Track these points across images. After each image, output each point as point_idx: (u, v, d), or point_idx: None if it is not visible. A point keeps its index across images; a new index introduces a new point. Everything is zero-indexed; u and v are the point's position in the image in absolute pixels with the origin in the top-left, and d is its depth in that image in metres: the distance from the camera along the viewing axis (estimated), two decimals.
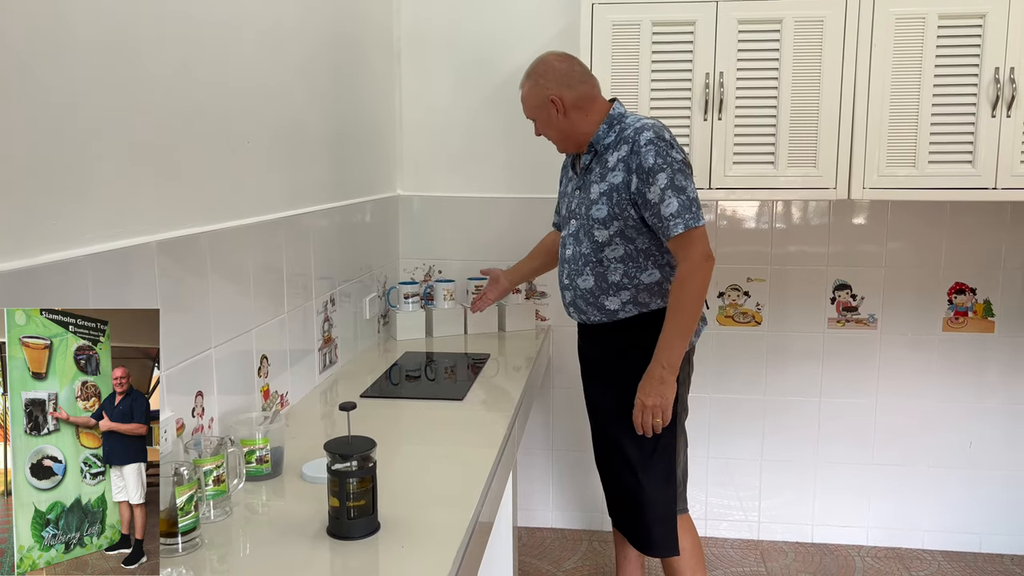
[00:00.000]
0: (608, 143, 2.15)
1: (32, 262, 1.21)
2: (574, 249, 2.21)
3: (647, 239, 2.13)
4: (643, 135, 2.07)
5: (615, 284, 2.16)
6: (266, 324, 1.97)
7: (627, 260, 2.14)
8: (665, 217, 2.04)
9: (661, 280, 2.16)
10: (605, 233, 2.13)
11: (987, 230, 2.94)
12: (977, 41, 2.48)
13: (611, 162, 2.12)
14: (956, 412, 3.06)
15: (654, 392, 2.09)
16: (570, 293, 2.25)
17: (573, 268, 2.22)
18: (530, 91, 2.21)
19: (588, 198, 2.16)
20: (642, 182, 2.05)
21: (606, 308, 2.18)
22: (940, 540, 3.13)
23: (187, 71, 1.62)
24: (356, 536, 1.38)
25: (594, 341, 2.29)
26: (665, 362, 2.07)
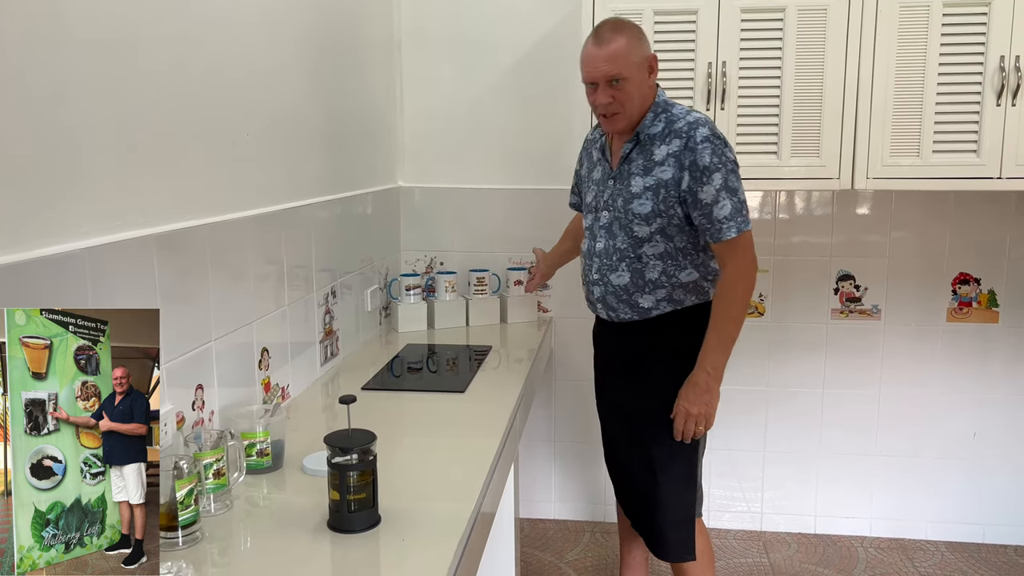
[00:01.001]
0: (654, 133, 2.03)
1: (30, 255, 1.21)
2: (607, 243, 2.11)
3: (686, 238, 2.05)
4: (698, 131, 1.97)
5: (652, 282, 2.07)
6: (267, 317, 1.97)
7: (666, 258, 2.06)
8: (718, 219, 1.96)
9: (698, 279, 2.09)
10: (646, 229, 2.03)
11: (992, 220, 2.92)
12: (982, 29, 2.46)
13: (658, 155, 2.01)
14: (960, 403, 3.05)
15: (699, 400, 2.04)
16: (600, 288, 2.15)
17: (606, 263, 2.11)
18: (630, 45, 1.98)
19: (628, 191, 2.05)
20: (695, 181, 1.96)
21: (639, 306, 2.10)
22: (943, 531, 3.13)
23: (185, 63, 1.61)
24: (357, 529, 1.38)
25: (620, 338, 2.20)
26: (710, 368, 2.02)
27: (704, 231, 2.00)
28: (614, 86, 1.97)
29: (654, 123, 2.03)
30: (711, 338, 2.03)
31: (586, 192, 2.24)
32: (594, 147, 2.23)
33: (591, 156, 2.24)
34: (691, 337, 2.08)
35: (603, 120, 2.05)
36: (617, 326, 2.18)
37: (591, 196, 2.18)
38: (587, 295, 2.23)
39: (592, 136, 2.27)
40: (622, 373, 2.22)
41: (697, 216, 1.99)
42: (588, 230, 2.18)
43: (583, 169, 2.30)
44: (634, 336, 2.15)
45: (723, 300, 2.02)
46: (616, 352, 2.24)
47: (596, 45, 1.99)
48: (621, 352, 2.21)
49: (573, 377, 3.16)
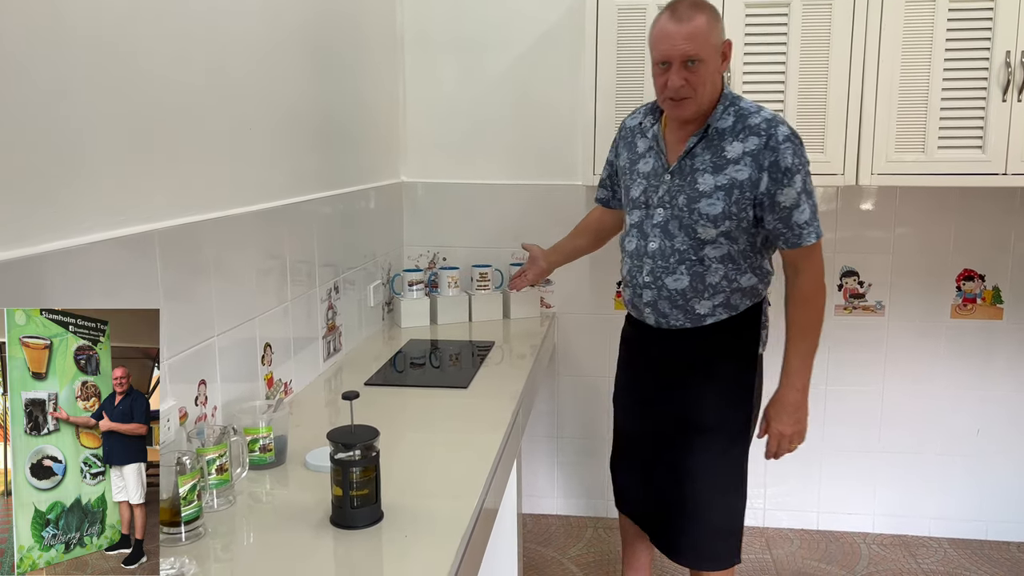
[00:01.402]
0: (724, 128, 1.89)
1: (33, 251, 1.20)
2: (662, 243, 1.95)
3: (746, 241, 1.93)
4: (779, 129, 1.85)
5: (712, 286, 1.94)
6: (269, 312, 1.97)
7: (727, 261, 1.93)
8: (798, 224, 1.87)
9: (756, 283, 1.98)
10: (712, 232, 1.89)
11: (996, 216, 2.91)
12: (988, 24, 2.44)
13: (731, 153, 1.87)
14: (964, 399, 3.05)
15: (792, 420, 1.98)
16: (652, 293, 1.99)
17: (661, 265, 1.96)
18: (710, 26, 1.84)
19: (693, 188, 1.90)
20: (775, 183, 1.84)
21: (695, 312, 1.97)
22: (946, 527, 3.12)
23: (187, 59, 1.61)
24: (359, 525, 1.38)
25: (666, 345, 2.05)
26: (799, 385, 1.95)
27: (778, 236, 1.91)
28: (689, 68, 1.82)
29: (724, 116, 1.90)
30: (795, 353, 1.95)
31: (631, 186, 2.05)
32: (639, 136, 2.07)
33: (633, 146, 2.07)
34: (743, 340, 2.01)
35: (670, 105, 1.89)
36: (664, 333, 2.04)
37: (638, 191, 2.02)
38: (631, 298, 2.07)
39: (634, 124, 2.11)
40: (675, 383, 2.06)
41: (773, 220, 1.88)
42: (635, 228, 2.02)
43: (622, 160, 2.12)
44: (683, 343, 2.02)
45: (804, 310, 1.94)
46: (662, 359, 2.08)
47: (674, 21, 1.83)
48: (669, 359, 2.07)
49: (576, 373, 3.16)
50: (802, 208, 1.86)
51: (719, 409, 2.02)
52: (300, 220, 2.15)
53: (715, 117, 1.89)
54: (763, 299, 2.03)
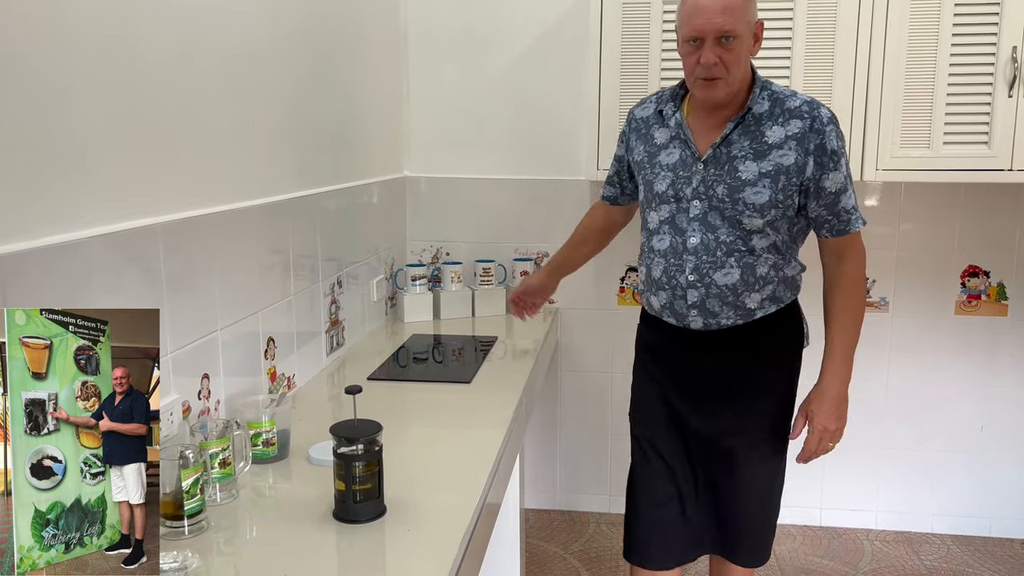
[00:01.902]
0: (762, 112, 1.79)
1: (36, 244, 1.20)
2: (704, 236, 1.82)
3: (787, 231, 1.85)
4: (822, 111, 1.77)
5: (762, 278, 1.84)
6: (273, 306, 1.97)
7: (773, 251, 1.84)
8: (846, 210, 1.80)
9: (797, 274, 1.92)
10: (758, 221, 1.79)
11: (1002, 212, 2.90)
12: (995, 20, 2.43)
13: (772, 137, 1.77)
14: (968, 396, 3.04)
15: (837, 413, 1.89)
16: (698, 292, 1.84)
17: (707, 260, 1.82)
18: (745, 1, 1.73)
19: (735, 177, 1.78)
20: (821, 167, 1.76)
21: (745, 307, 1.85)
22: (950, 524, 3.12)
23: (191, 53, 1.60)
24: (362, 519, 1.38)
25: (718, 350, 1.89)
26: (845, 376, 1.89)
27: (823, 223, 1.83)
28: (724, 44, 1.70)
29: (760, 100, 1.80)
30: (840, 344, 1.87)
31: (653, 180, 1.89)
32: (656, 126, 1.93)
33: (650, 137, 1.93)
34: (790, 339, 1.95)
35: (702, 86, 1.76)
36: (710, 336, 1.89)
37: (664, 184, 1.86)
38: (670, 302, 1.89)
39: (647, 114, 1.96)
40: (721, 390, 1.92)
41: (818, 207, 1.80)
42: (667, 224, 1.87)
43: (637, 154, 1.96)
44: (732, 346, 1.89)
45: (852, 298, 1.86)
46: (710, 365, 1.91)
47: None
48: (719, 364, 1.90)
49: (579, 368, 3.16)
50: (848, 193, 1.80)
51: (774, 414, 1.95)
52: (303, 214, 2.15)
53: (753, 101, 1.78)
54: (800, 289, 1.97)
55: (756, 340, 1.88)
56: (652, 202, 1.91)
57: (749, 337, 1.87)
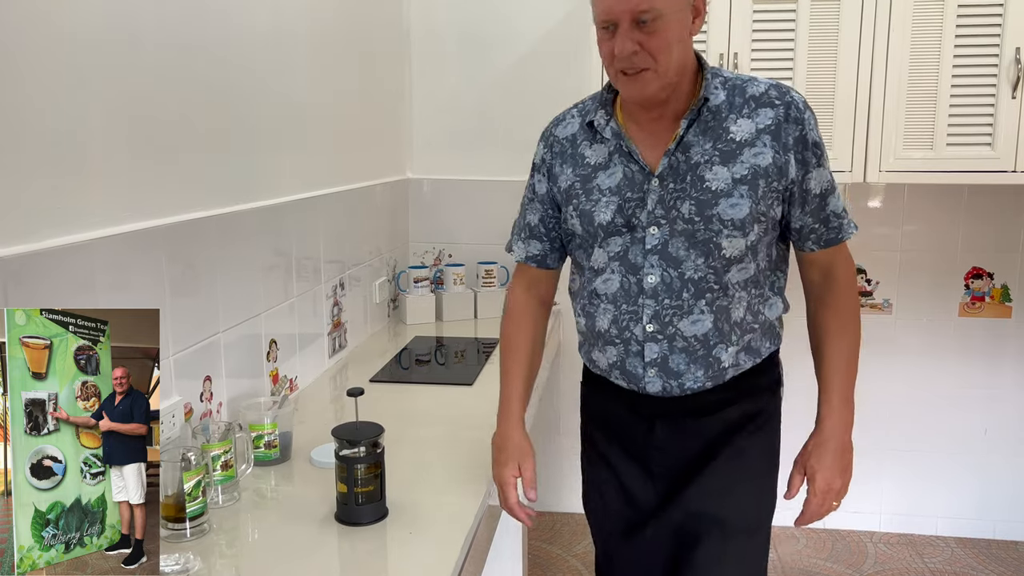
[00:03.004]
0: (720, 104, 1.40)
1: (39, 247, 1.21)
2: (666, 274, 1.41)
3: (766, 254, 1.46)
4: (795, 96, 1.42)
5: (738, 325, 1.44)
6: (275, 308, 1.97)
7: (751, 286, 1.45)
8: (835, 214, 1.45)
9: (778, 316, 1.53)
10: (740, 243, 1.39)
11: (1005, 214, 2.89)
12: (998, 21, 2.43)
13: (740, 133, 1.39)
14: (971, 398, 3.03)
15: (841, 468, 1.54)
16: (659, 347, 1.44)
17: (670, 305, 1.42)
18: None
19: (704, 188, 1.38)
20: (805, 165, 1.40)
21: (718, 364, 1.44)
22: (953, 526, 3.11)
23: (194, 54, 1.61)
24: (364, 522, 1.38)
25: (682, 420, 1.49)
26: (847, 422, 1.54)
27: (808, 235, 1.46)
28: (643, 28, 1.31)
29: (716, 90, 1.41)
30: (839, 381, 1.52)
31: (592, 210, 1.46)
32: (585, 143, 1.50)
33: (579, 159, 1.50)
34: (769, 398, 1.55)
35: (624, 82, 1.37)
36: (673, 403, 1.48)
37: (608, 213, 1.44)
38: (619, 360, 1.49)
39: (569, 131, 1.53)
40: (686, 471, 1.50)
41: (803, 215, 1.44)
42: (616, 261, 1.46)
43: (564, 181, 1.51)
44: (700, 415, 1.48)
45: (847, 323, 1.52)
46: (671, 441, 1.50)
47: None
48: (682, 439, 1.50)
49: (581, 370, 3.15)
50: (836, 193, 1.46)
51: (755, 499, 1.54)
52: (306, 216, 2.15)
53: (708, 90, 1.40)
54: (781, 341, 1.59)
55: (727, 406, 1.48)
56: (594, 238, 1.47)
57: (720, 403, 1.48)
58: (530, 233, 1.62)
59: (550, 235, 1.59)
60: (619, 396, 1.53)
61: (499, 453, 1.54)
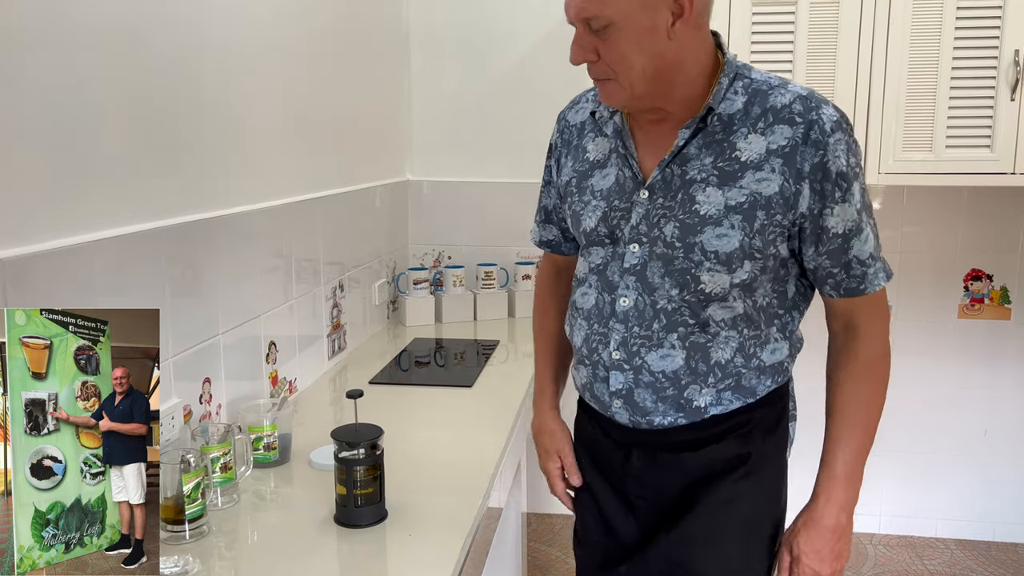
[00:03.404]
0: (735, 113, 1.22)
1: (39, 248, 1.20)
2: (640, 299, 1.27)
3: (772, 291, 1.28)
4: (824, 112, 1.19)
5: (720, 366, 1.26)
6: (274, 310, 1.97)
7: (742, 325, 1.26)
8: (860, 260, 1.22)
9: (786, 358, 1.33)
10: (724, 280, 1.22)
11: (1005, 216, 2.90)
12: (997, 23, 2.43)
13: (748, 152, 1.20)
14: (971, 400, 3.03)
15: (835, 552, 1.30)
16: (624, 377, 1.30)
17: (639, 334, 1.27)
18: None
19: (690, 211, 1.22)
20: (822, 198, 1.19)
21: (691, 404, 1.28)
22: (953, 528, 3.11)
23: (195, 56, 1.61)
24: (363, 524, 1.37)
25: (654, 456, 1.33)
26: (848, 500, 1.30)
27: (826, 278, 1.25)
28: (598, 34, 1.18)
29: (732, 95, 1.22)
30: (845, 454, 1.28)
31: (581, 212, 1.34)
32: (590, 134, 1.37)
33: (581, 151, 1.37)
34: (765, 441, 1.34)
35: (597, 86, 1.26)
36: (645, 434, 1.33)
37: (594, 218, 1.31)
38: (588, 383, 1.37)
39: (579, 118, 1.41)
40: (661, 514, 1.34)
41: (817, 255, 1.23)
42: (595, 275, 1.33)
43: (565, 173, 1.40)
44: (678, 450, 1.32)
45: (863, 391, 1.27)
46: (643, 478, 1.36)
47: None
48: (654, 478, 1.35)
49: None
50: (864, 235, 1.21)
51: (743, 561, 1.34)
52: (306, 218, 2.15)
53: (717, 97, 1.21)
54: (790, 377, 1.39)
55: (712, 444, 1.30)
56: (583, 244, 1.37)
57: (700, 441, 1.30)
58: (545, 217, 1.53)
59: (561, 224, 1.49)
60: (595, 418, 1.41)
61: (538, 444, 1.55)
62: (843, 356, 1.29)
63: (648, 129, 1.29)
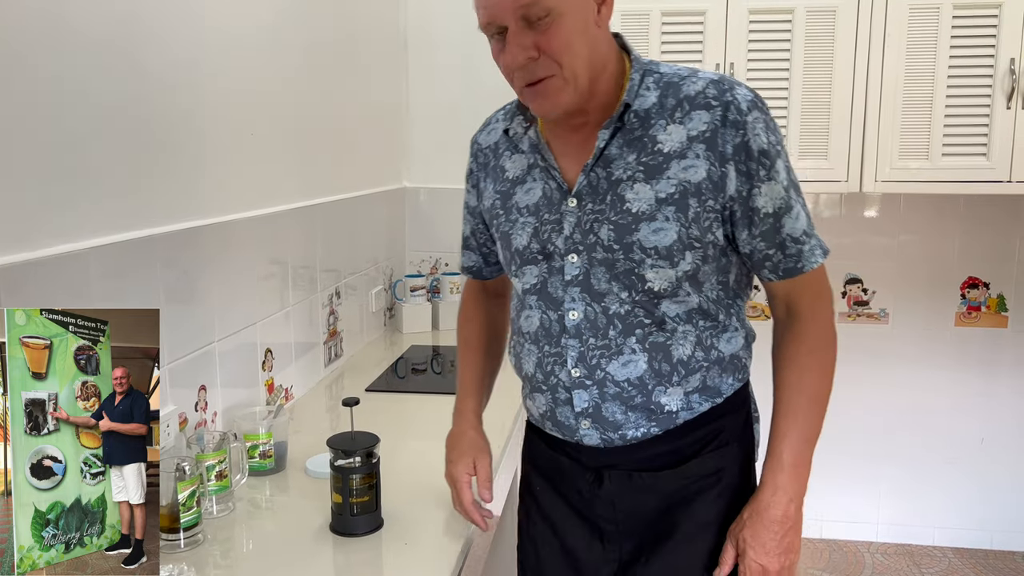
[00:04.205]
0: (650, 107, 1.19)
1: (35, 255, 1.20)
2: (589, 309, 1.22)
3: (718, 281, 1.23)
4: (738, 93, 1.17)
5: (683, 363, 1.21)
6: (271, 317, 1.96)
7: (697, 317, 1.22)
8: (793, 237, 1.18)
9: (741, 348, 1.27)
10: (669, 273, 1.18)
11: (1001, 224, 2.90)
12: (992, 32, 2.44)
13: (668, 142, 1.17)
14: (968, 408, 3.03)
15: (783, 546, 1.23)
16: (588, 394, 1.24)
17: (599, 345, 1.22)
18: None
19: (624, 211, 1.18)
20: (748, 178, 1.16)
21: (662, 409, 1.22)
22: (951, 537, 3.11)
23: (191, 63, 1.61)
24: (359, 532, 1.37)
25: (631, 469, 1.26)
26: (796, 491, 1.23)
27: (763, 261, 1.21)
28: (536, 27, 1.12)
29: (645, 91, 1.20)
30: (791, 442, 1.21)
31: (510, 232, 1.29)
32: (506, 153, 1.34)
33: (500, 172, 1.34)
34: (737, 451, 1.29)
35: (530, 96, 1.19)
36: (618, 453, 1.26)
37: (524, 237, 1.26)
38: (549, 410, 1.29)
39: (492, 139, 1.40)
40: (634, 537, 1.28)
41: (751, 238, 1.19)
42: (534, 295, 1.28)
43: (487, 198, 1.37)
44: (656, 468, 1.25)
45: (808, 375, 1.22)
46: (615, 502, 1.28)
47: None
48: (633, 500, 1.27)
49: None
50: (795, 212, 1.18)
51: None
52: (302, 225, 2.15)
53: (631, 92, 1.19)
54: (749, 378, 1.32)
55: (690, 460, 1.25)
56: (512, 263, 1.31)
57: (677, 455, 1.25)
58: (464, 243, 1.52)
59: (482, 249, 1.48)
60: (557, 445, 1.32)
61: (451, 451, 1.41)
62: (787, 341, 1.24)
63: (565, 138, 1.25)
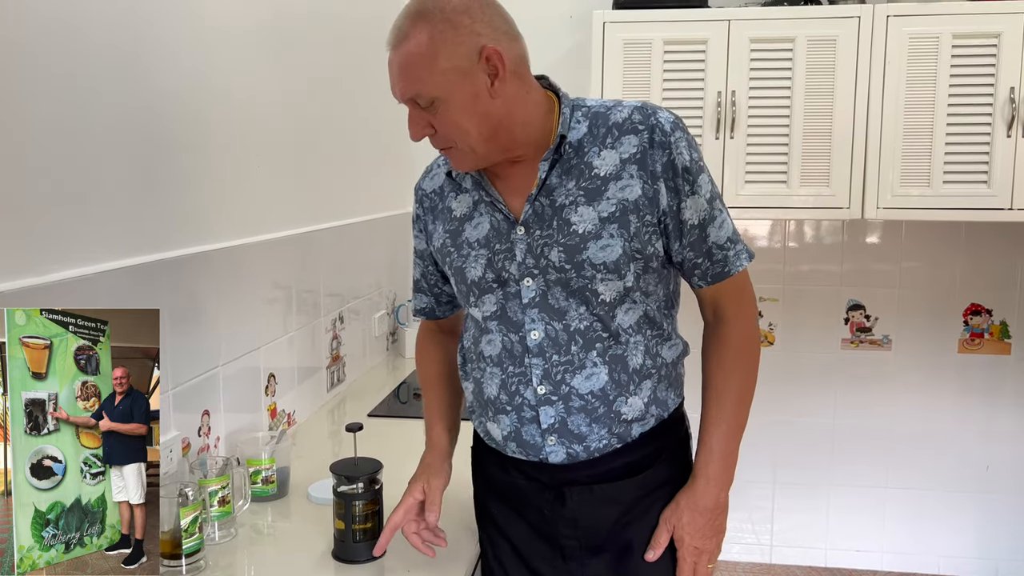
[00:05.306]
0: (582, 138, 1.29)
1: (41, 280, 1.21)
2: (548, 327, 1.29)
3: (660, 292, 1.33)
4: (661, 117, 1.28)
5: (637, 372, 1.30)
6: (274, 342, 1.96)
7: (645, 327, 1.31)
8: (719, 245, 1.30)
9: (678, 357, 1.37)
10: (618, 285, 1.27)
11: (1003, 251, 2.91)
12: (992, 61, 2.46)
13: (603, 167, 1.27)
14: (972, 435, 3.02)
15: (711, 528, 1.33)
16: (555, 410, 1.30)
17: (562, 361, 1.29)
18: (435, 43, 1.18)
19: (570, 233, 1.26)
20: (676, 194, 1.26)
21: (620, 418, 1.30)
22: (955, 565, 3.08)
23: (195, 88, 1.62)
24: (361, 559, 1.36)
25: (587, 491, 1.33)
26: (725, 480, 1.33)
27: (693, 269, 1.31)
28: (428, 109, 1.23)
29: (573, 125, 1.30)
30: (719, 436, 1.33)
31: (464, 267, 1.35)
32: (451, 195, 1.41)
33: (447, 212, 1.40)
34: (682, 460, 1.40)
35: (444, 155, 1.34)
36: (579, 469, 1.33)
37: (479, 268, 1.33)
38: (514, 431, 1.34)
39: (436, 184, 1.46)
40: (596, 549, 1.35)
41: (682, 248, 1.30)
42: (495, 320, 1.33)
43: (436, 239, 1.41)
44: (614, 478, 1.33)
45: (734, 375, 1.34)
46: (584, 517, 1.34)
47: (390, 45, 1.23)
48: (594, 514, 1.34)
49: None
50: (719, 221, 1.30)
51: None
52: (306, 250, 2.16)
53: (564, 124, 1.29)
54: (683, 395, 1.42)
55: (646, 471, 1.34)
56: (471, 295, 1.36)
57: (633, 466, 1.33)
58: (416, 287, 1.56)
59: (433, 291, 1.53)
60: (519, 468, 1.37)
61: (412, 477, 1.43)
62: (714, 343, 1.35)
63: (507, 173, 1.33)
